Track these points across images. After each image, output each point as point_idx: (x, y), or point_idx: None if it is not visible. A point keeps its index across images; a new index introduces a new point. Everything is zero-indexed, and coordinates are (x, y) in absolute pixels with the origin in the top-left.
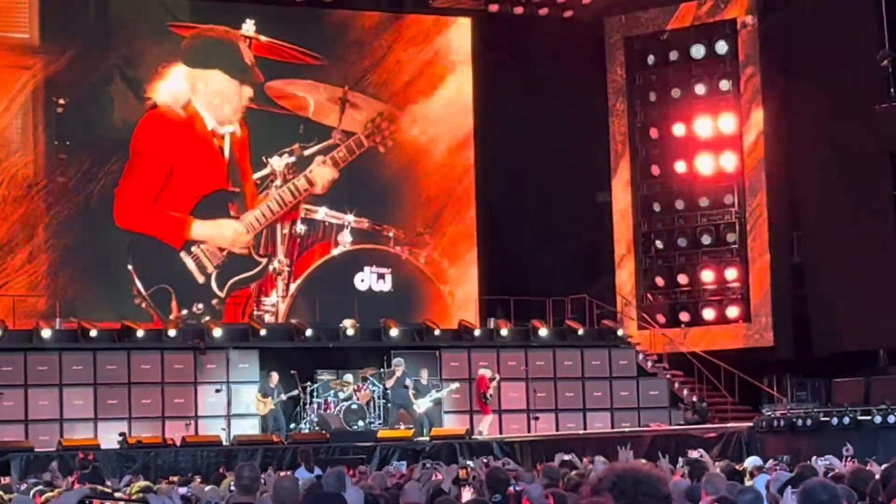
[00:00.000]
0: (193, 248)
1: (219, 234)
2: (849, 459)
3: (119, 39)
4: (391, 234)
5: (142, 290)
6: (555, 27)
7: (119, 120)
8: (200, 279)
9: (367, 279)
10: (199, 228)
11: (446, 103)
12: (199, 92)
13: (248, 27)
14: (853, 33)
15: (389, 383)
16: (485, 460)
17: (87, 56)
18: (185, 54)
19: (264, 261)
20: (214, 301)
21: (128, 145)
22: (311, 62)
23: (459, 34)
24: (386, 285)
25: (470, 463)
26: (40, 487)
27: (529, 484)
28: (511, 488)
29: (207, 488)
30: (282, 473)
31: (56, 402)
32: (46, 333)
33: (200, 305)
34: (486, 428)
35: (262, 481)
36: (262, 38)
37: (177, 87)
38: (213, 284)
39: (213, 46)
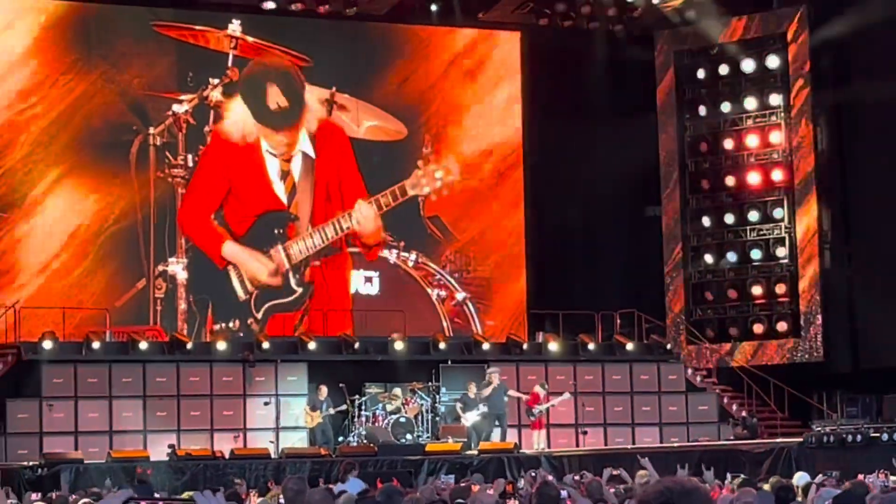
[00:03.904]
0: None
1: (246, 262)
2: None
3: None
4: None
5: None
6: (604, 41)
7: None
8: (242, 297)
9: (355, 282)
10: (231, 250)
11: (495, 117)
12: (258, 117)
13: (234, 27)
14: None
15: (486, 392)
16: (533, 474)
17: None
18: (242, 82)
19: (300, 290)
20: (250, 321)
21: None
22: (299, 63)
23: (508, 48)
24: (373, 289)
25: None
26: (88, 500)
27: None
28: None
29: (258, 500)
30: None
31: (106, 413)
32: (96, 345)
33: (236, 323)
34: (539, 445)
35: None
36: (249, 38)
37: (240, 110)
38: (252, 306)
39: (251, 84)
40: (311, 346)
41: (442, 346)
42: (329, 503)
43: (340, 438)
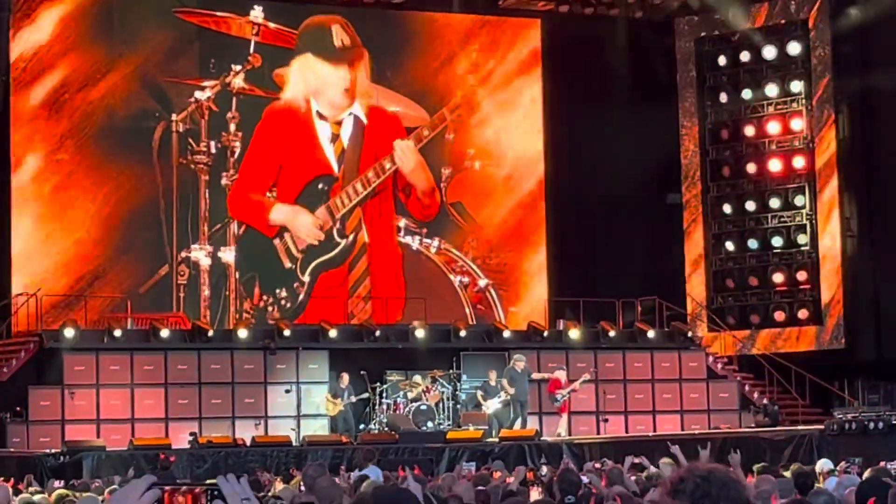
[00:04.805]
0: (285, 234)
1: (293, 220)
2: None
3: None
4: (401, 224)
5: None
6: (625, 28)
7: (125, 110)
8: (287, 265)
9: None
10: (278, 214)
11: (515, 104)
12: (311, 81)
13: (256, 14)
14: None
15: (517, 368)
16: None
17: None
18: (299, 43)
19: (343, 241)
20: (296, 285)
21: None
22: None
23: (529, 35)
24: None
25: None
26: (115, 487)
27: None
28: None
29: (281, 487)
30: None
31: (127, 401)
32: (118, 333)
33: (283, 291)
34: (563, 429)
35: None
36: (271, 24)
37: (293, 78)
38: (298, 270)
39: (311, 33)
40: (332, 333)
41: (463, 333)
42: (336, 490)
43: (361, 426)
